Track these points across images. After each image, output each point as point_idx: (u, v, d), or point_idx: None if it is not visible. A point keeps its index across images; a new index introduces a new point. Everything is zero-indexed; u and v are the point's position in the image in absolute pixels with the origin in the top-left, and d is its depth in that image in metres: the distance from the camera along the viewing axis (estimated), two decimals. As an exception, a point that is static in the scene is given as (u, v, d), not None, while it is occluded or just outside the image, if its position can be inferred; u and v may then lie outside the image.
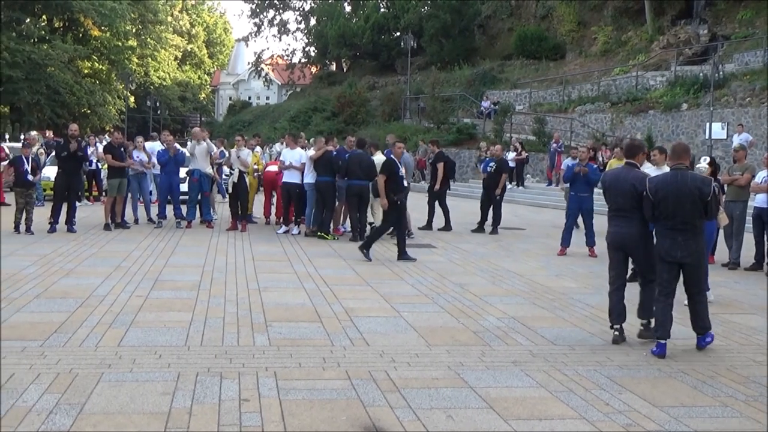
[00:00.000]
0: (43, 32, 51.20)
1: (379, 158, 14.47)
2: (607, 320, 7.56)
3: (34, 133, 27.34)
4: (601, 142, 25.71)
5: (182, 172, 16.32)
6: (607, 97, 31.74)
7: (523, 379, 5.92)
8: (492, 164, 16.38)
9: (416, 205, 16.87)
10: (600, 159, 22.30)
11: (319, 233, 14.37)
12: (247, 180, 15.52)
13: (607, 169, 13.11)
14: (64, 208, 14.44)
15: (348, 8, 57.12)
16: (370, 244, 12.10)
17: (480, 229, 16.35)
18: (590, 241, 13.22)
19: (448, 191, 17.18)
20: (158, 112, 65.05)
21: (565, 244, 13.35)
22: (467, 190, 28.30)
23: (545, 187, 26.78)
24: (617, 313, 7.18)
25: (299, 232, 14.98)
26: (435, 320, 7.87)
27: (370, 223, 14.61)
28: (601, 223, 9.89)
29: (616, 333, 7.15)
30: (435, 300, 8.93)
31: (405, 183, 12.59)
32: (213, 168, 16.18)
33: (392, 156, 12.82)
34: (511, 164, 26.28)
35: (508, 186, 26.07)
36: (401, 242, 12.13)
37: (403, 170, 12.47)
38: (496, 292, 9.62)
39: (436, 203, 16.52)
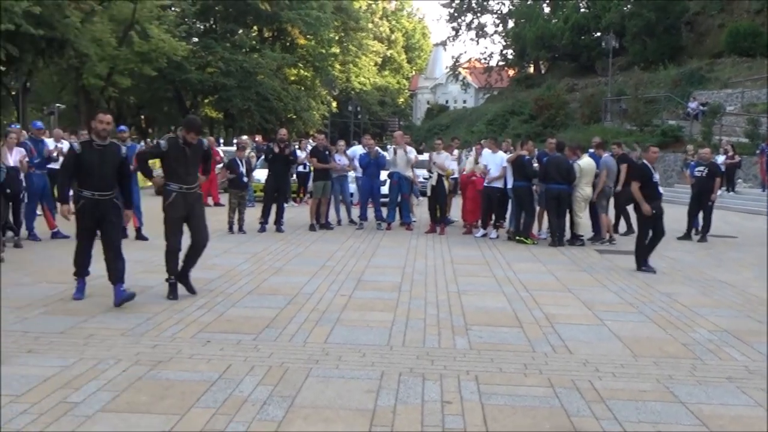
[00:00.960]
0: (254, 42, 54.25)
1: (585, 161, 14.14)
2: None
3: (245, 137, 28.94)
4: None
5: (383, 174, 16.71)
6: (830, 95, 29.36)
7: (740, 397, 5.57)
8: (701, 168, 15.58)
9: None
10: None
11: (518, 237, 14.27)
12: (445, 183, 15.65)
13: None
14: (274, 208, 15.19)
15: (547, 9, 56.37)
16: (640, 259, 11.48)
17: (687, 236, 15.59)
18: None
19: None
20: (359, 116, 67.00)
21: (783, 254, 12.47)
22: (673, 195, 27.06)
23: (760, 193, 25.11)
24: None
25: (497, 236, 14.92)
26: (641, 330, 7.58)
27: (580, 236, 14.27)
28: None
29: None
30: (640, 309, 8.60)
31: (660, 190, 11.67)
32: (412, 171, 16.44)
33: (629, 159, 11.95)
34: (722, 168, 24.92)
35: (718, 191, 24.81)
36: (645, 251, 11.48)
37: (657, 176, 11.62)
38: (707, 303, 9.12)
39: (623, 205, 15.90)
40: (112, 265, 8.04)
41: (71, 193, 8.31)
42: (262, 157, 18.83)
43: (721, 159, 23.83)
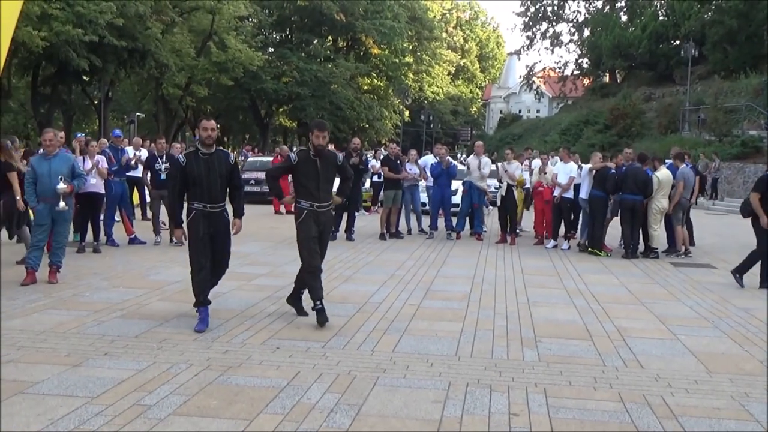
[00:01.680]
0: (329, 52, 54.82)
1: (662, 173, 13.86)
2: None
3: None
4: None
5: (454, 184, 16.68)
6: None
7: (819, 418, 5.39)
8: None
9: (694, 222, 16.01)
10: None
11: (590, 249, 14.07)
12: (515, 193, 15.55)
13: None
14: (345, 217, 15.30)
15: (624, 17, 55.51)
16: (745, 271, 11.10)
17: (767, 249, 15.13)
18: None
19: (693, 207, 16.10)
20: (431, 125, 67.00)
21: None
22: (752, 207, 26.34)
23: None
24: None
25: (569, 248, 14.74)
26: (716, 346, 7.39)
27: (654, 248, 13.99)
28: None
29: None
30: (716, 324, 8.39)
31: None
32: (484, 181, 16.35)
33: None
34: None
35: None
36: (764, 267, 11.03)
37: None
38: (787, 319, 8.85)
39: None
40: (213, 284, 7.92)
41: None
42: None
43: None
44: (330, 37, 57.48)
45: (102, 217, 13.18)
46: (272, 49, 52.49)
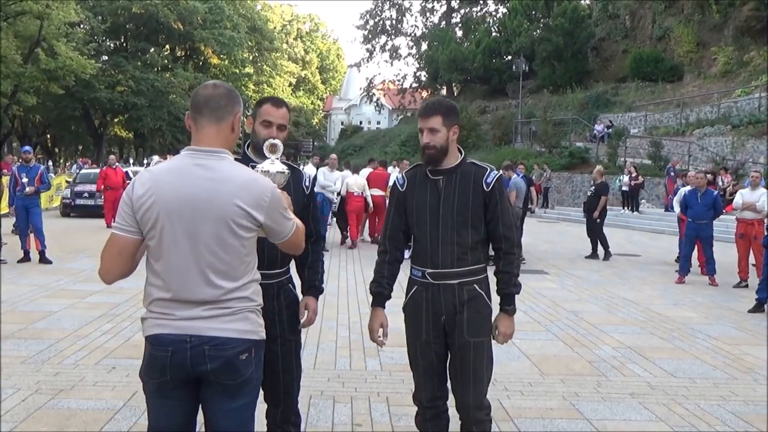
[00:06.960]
0: (166, 61, 53.58)
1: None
2: (730, 353, 7.24)
3: (156, 157, 28.49)
4: (721, 167, 24.80)
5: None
6: (727, 119, 30.57)
7: (642, 413, 5.73)
8: (592, 188, 16.16)
9: (528, 230, 16.70)
10: (720, 184, 21.54)
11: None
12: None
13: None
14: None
15: (459, 33, 57.40)
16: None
17: (593, 255, 16.01)
18: (710, 269, 12.75)
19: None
20: (273, 136, 66.62)
21: (684, 272, 12.92)
22: (580, 215, 27.78)
23: (662, 213, 25.99)
24: None
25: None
26: (548, 349, 7.72)
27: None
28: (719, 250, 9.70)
29: None
30: (548, 328, 8.77)
31: None
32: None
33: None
34: (625, 188, 25.80)
35: (622, 211, 25.59)
36: None
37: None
38: (612, 320, 9.37)
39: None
40: (275, 420, 4.05)
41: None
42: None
43: (625, 180, 24.76)
44: (167, 46, 56.25)
45: None
46: (106, 57, 50.71)
